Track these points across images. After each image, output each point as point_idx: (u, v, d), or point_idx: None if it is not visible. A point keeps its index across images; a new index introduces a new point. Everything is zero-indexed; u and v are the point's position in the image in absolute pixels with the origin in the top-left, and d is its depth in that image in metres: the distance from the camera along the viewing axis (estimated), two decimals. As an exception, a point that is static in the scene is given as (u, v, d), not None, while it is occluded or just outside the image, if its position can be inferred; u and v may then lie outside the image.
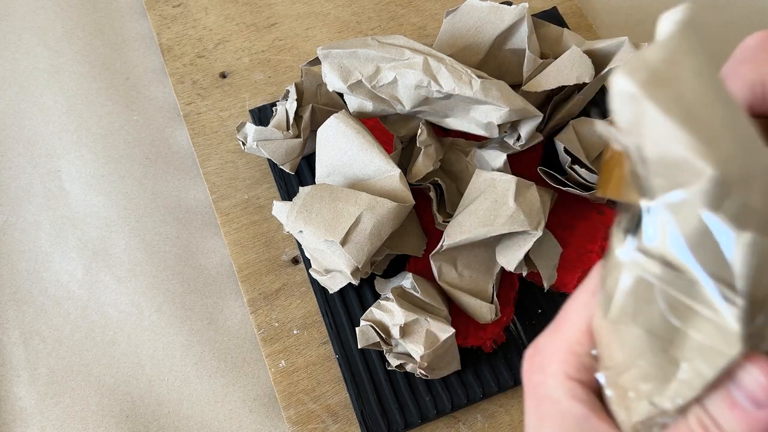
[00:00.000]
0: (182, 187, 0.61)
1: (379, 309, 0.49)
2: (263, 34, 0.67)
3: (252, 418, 0.53)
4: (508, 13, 0.54)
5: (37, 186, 0.61)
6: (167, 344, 0.55)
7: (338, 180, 0.52)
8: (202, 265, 0.58)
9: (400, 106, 0.51)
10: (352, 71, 0.51)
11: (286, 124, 0.54)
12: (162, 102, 0.65)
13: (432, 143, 0.53)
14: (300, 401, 0.51)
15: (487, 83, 0.48)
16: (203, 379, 0.54)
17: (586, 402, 0.25)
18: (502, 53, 0.56)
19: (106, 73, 0.66)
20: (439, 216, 0.53)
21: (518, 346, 0.52)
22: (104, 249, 0.58)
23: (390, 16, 0.68)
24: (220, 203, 0.59)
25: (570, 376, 0.25)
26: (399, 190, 0.49)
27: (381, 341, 0.49)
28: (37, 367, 0.54)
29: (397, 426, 0.50)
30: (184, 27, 0.67)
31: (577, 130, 0.54)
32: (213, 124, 0.62)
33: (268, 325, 0.54)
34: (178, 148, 0.63)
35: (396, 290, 0.50)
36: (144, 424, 0.52)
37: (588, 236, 0.56)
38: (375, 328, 0.49)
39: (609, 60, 0.52)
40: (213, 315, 0.56)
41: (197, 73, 0.65)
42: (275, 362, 0.53)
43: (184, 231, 0.59)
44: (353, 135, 0.50)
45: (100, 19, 0.69)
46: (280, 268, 0.56)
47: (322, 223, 0.48)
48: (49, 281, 0.57)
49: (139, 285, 0.57)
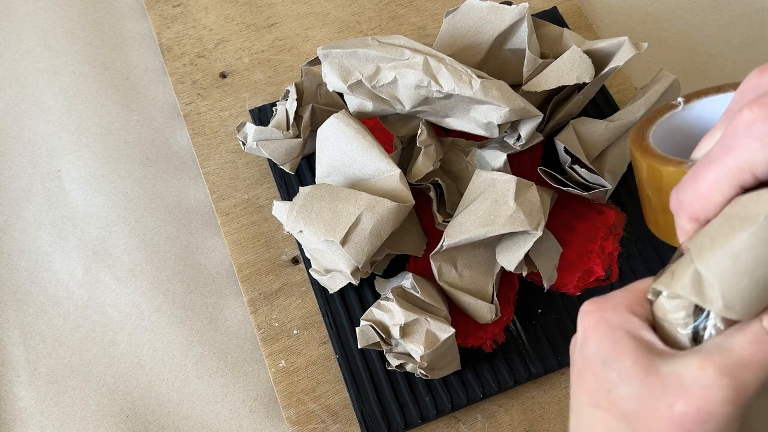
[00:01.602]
0: (182, 187, 0.61)
1: (379, 309, 0.49)
2: (263, 34, 0.67)
3: (252, 418, 0.53)
4: (508, 13, 0.54)
5: (37, 186, 0.61)
6: (167, 344, 0.55)
7: (338, 180, 0.52)
8: (202, 265, 0.58)
9: (400, 106, 0.51)
10: (352, 71, 0.50)
11: (286, 124, 0.54)
12: (162, 102, 0.65)
13: (432, 143, 0.53)
14: (300, 401, 0.51)
15: (487, 83, 0.48)
16: (203, 379, 0.54)
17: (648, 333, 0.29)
18: (502, 53, 0.56)
19: (106, 73, 0.66)
20: (439, 216, 0.53)
21: (518, 346, 0.52)
22: (104, 249, 0.58)
23: (390, 16, 0.68)
24: (220, 203, 0.59)
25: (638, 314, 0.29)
26: (399, 190, 0.49)
27: (381, 341, 0.49)
28: (37, 367, 0.54)
29: (397, 426, 0.50)
30: (184, 27, 0.67)
31: (577, 129, 0.54)
32: (213, 124, 0.62)
33: (268, 325, 0.54)
34: (178, 148, 0.63)
35: (396, 290, 0.50)
36: (144, 424, 0.52)
37: (588, 236, 0.56)
38: (375, 328, 0.49)
39: (609, 60, 0.52)
40: (213, 315, 0.56)
41: (197, 73, 0.65)
42: (275, 362, 0.53)
43: (184, 231, 0.59)
44: (353, 135, 0.50)
45: (100, 18, 0.69)
46: (280, 268, 0.56)
47: (322, 223, 0.48)
48: (49, 281, 0.57)
49: (139, 285, 0.57)
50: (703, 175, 0.28)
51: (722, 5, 0.71)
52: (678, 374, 0.26)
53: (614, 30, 0.70)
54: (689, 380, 0.26)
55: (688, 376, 0.26)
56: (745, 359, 0.26)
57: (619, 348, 0.28)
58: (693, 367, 0.26)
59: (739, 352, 0.26)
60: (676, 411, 0.26)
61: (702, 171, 0.28)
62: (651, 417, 0.26)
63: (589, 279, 0.54)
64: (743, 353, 0.26)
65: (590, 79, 0.51)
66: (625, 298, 0.30)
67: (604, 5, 0.72)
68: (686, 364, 0.26)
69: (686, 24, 0.71)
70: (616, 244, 0.56)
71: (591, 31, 0.67)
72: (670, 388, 0.26)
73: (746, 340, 0.26)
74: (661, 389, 0.26)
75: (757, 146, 0.26)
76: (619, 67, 0.52)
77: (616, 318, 0.29)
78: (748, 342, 0.26)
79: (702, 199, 0.28)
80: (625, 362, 0.28)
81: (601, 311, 0.30)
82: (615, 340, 0.28)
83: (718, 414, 0.25)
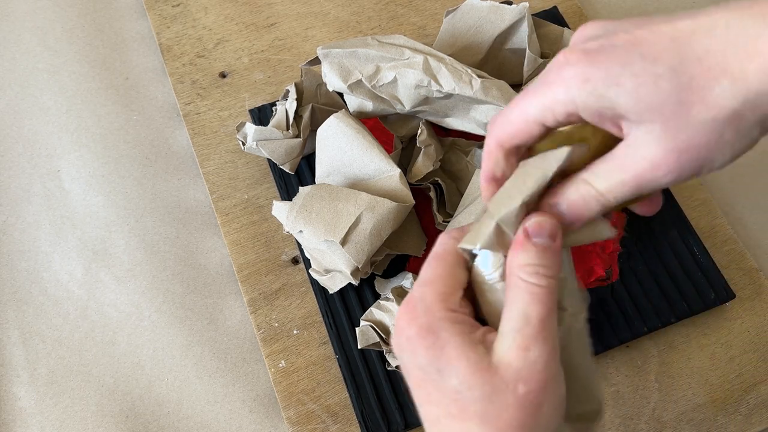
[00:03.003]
0: (182, 187, 0.61)
1: (379, 309, 0.49)
2: (263, 33, 0.67)
3: (252, 418, 0.52)
4: (508, 13, 0.53)
5: (36, 186, 0.61)
6: (167, 344, 0.55)
7: (338, 180, 0.52)
8: (201, 265, 0.58)
9: (400, 106, 0.51)
10: (352, 71, 0.50)
11: (285, 124, 0.54)
12: (162, 102, 0.65)
13: (432, 143, 0.53)
14: (300, 401, 0.51)
15: (487, 83, 0.48)
16: (203, 379, 0.54)
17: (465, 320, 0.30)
18: (502, 53, 0.56)
19: (106, 72, 0.66)
20: (439, 216, 0.53)
21: (518, 346, 0.52)
22: (104, 249, 0.58)
23: (390, 16, 0.68)
24: (219, 203, 0.59)
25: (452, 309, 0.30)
26: (399, 190, 0.49)
27: (381, 341, 0.49)
28: (36, 368, 0.54)
29: (397, 426, 0.50)
30: (183, 27, 0.67)
31: (578, 129, 0.54)
32: (213, 123, 0.62)
33: (268, 325, 0.54)
34: (177, 148, 0.63)
35: (396, 290, 0.50)
36: (144, 425, 0.52)
37: (588, 236, 0.56)
38: (375, 328, 0.49)
39: (609, 60, 0.52)
40: (213, 315, 0.56)
41: (197, 72, 0.65)
42: (275, 362, 0.53)
43: (184, 231, 0.59)
44: (353, 135, 0.50)
45: (100, 18, 0.69)
46: (280, 268, 0.56)
47: (322, 223, 0.48)
48: (49, 281, 0.57)
49: (138, 285, 0.57)
50: (517, 103, 0.30)
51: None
52: (506, 363, 0.28)
53: (614, 30, 0.70)
54: (517, 365, 0.28)
55: (515, 362, 0.28)
56: (541, 318, 0.28)
57: (448, 353, 0.29)
58: (516, 352, 0.28)
59: (534, 315, 0.28)
60: (520, 393, 0.28)
61: (516, 100, 0.31)
62: (503, 408, 0.28)
63: (590, 279, 0.54)
64: (538, 315, 0.28)
65: (590, 79, 0.51)
66: (432, 291, 0.31)
67: (604, 5, 0.72)
68: (508, 350, 0.29)
69: (686, 24, 0.70)
70: (617, 244, 0.56)
71: (591, 31, 0.67)
72: (508, 378, 0.28)
73: (527, 300, 0.29)
74: (500, 381, 0.28)
75: (562, 88, 0.28)
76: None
77: (434, 321, 0.30)
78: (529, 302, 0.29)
79: (509, 124, 0.31)
80: (458, 367, 0.29)
81: (416, 318, 0.30)
82: (440, 347, 0.29)
83: (550, 373, 0.28)
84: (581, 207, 0.30)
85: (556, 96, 0.28)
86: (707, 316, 0.55)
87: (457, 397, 0.29)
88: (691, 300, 0.54)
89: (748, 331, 0.55)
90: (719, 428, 0.52)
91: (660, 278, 0.55)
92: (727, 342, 0.55)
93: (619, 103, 0.27)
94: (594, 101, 0.28)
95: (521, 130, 0.30)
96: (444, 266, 0.32)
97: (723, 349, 0.54)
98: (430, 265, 0.32)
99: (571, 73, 0.28)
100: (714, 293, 0.54)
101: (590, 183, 0.29)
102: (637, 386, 0.53)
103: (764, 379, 0.54)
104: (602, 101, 0.27)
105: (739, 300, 0.56)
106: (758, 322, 0.55)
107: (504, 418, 0.28)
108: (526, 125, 0.30)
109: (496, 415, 0.28)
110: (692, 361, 0.54)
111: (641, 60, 0.27)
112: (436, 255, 0.32)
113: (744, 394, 0.53)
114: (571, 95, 0.28)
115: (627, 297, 0.54)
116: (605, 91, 0.27)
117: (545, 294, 0.29)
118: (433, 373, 0.29)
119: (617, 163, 0.29)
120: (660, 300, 0.54)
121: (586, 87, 0.27)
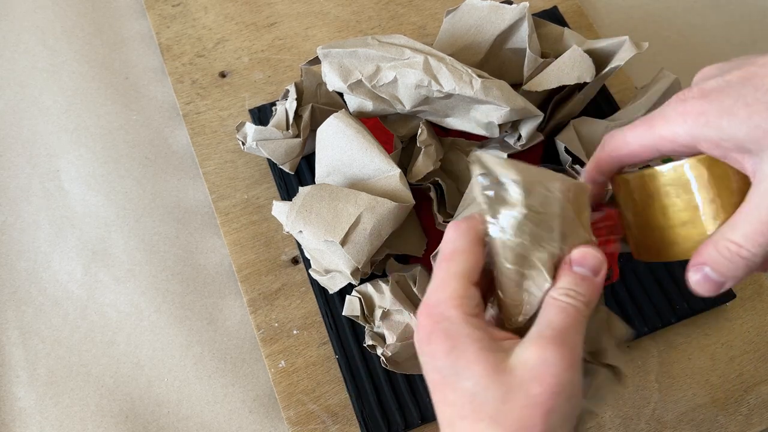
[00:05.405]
0: (182, 186, 0.61)
1: (373, 286, 0.50)
2: (263, 33, 0.67)
3: (252, 418, 0.52)
4: (508, 13, 0.53)
5: (36, 186, 0.61)
6: (166, 344, 0.55)
7: (338, 180, 0.52)
8: (201, 265, 0.58)
9: (400, 106, 0.51)
10: (352, 71, 0.50)
11: (285, 124, 0.54)
12: (161, 101, 0.65)
13: (432, 143, 0.53)
14: (300, 401, 0.51)
15: (487, 83, 0.48)
16: (203, 380, 0.54)
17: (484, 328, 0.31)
18: (502, 53, 0.56)
19: (106, 72, 0.66)
20: (439, 216, 0.53)
21: (519, 347, 0.52)
22: (103, 249, 0.58)
23: (390, 16, 0.68)
24: (219, 203, 0.58)
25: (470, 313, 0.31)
26: (399, 190, 0.49)
27: (362, 316, 0.50)
28: (36, 368, 0.54)
29: (397, 426, 0.50)
30: (183, 26, 0.67)
31: (578, 129, 0.54)
32: (212, 123, 0.62)
33: (267, 325, 0.54)
34: (177, 148, 0.63)
35: (396, 276, 0.51)
36: (143, 425, 0.52)
37: (588, 236, 0.56)
38: (362, 301, 0.50)
39: (610, 59, 0.52)
40: (212, 315, 0.56)
41: (197, 72, 0.64)
42: (275, 362, 0.53)
43: (184, 231, 0.59)
44: (353, 135, 0.50)
45: (99, 18, 0.69)
46: (280, 268, 0.56)
47: (322, 223, 0.48)
48: (48, 281, 0.57)
49: (138, 285, 0.57)
50: (633, 129, 0.32)
51: (723, 5, 0.71)
52: (523, 362, 0.29)
53: (615, 29, 0.70)
54: (533, 363, 0.29)
55: (531, 359, 0.29)
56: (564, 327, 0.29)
57: (466, 357, 0.30)
58: (534, 351, 0.29)
59: (558, 323, 0.30)
60: (532, 394, 0.28)
61: (632, 127, 0.33)
62: (514, 408, 0.28)
63: (590, 279, 0.54)
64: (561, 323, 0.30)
65: (591, 79, 0.51)
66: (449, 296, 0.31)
67: (604, 5, 0.71)
68: (526, 350, 0.29)
69: (687, 23, 0.70)
70: (617, 244, 0.56)
71: (591, 31, 0.67)
72: (523, 377, 0.29)
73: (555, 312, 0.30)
74: (516, 382, 0.29)
75: (679, 121, 0.30)
76: (620, 67, 0.51)
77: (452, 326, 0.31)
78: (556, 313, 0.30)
79: (626, 144, 0.33)
80: (475, 370, 0.29)
81: (437, 323, 0.31)
82: (460, 351, 0.30)
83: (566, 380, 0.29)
84: (724, 265, 0.30)
85: (675, 129, 0.30)
86: (708, 316, 0.55)
87: (472, 398, 0.29)
88: (691, 300, 0.54)
89: (749, 332, 0.55)
90: (719, 428, 0.52)
91: (660, 278, 0.55)
92: (727, 342, 0.55)
93: (734, 133, 0.29)
94: (713, 133, 0.29)
95: (634, 152, 0.33)
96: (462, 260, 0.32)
97: (723, 349, 0.54)
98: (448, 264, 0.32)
99: (688, 108, 0.30)
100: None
101: (727, 237, 0.30)
102: (637, 386, 0.53)
103: (764, 379, 0.53)
104: (720, 132, 0.29)
105: (739, 300, 0.56)
106: (758, 322, 0.55)
107: (515, 417, 0.28)
108: (641, 149, 0.32)
109: (508, 415, 0.28)
110: (693, 361, 0.54)
111: (754, 91, 0.28)
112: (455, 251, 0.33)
113: (744, 395, 0.53)
114: (688, 128, 0.30)
115: (627, 297, 0.54)
116: (719, 121, 0.29)
117: (573, 310, 0.30)
118: (451, 376, 0.30)
119: (752, 205, 0.29)
120: (660, 300, 0.54)
121: (700, 120, 0.29)
